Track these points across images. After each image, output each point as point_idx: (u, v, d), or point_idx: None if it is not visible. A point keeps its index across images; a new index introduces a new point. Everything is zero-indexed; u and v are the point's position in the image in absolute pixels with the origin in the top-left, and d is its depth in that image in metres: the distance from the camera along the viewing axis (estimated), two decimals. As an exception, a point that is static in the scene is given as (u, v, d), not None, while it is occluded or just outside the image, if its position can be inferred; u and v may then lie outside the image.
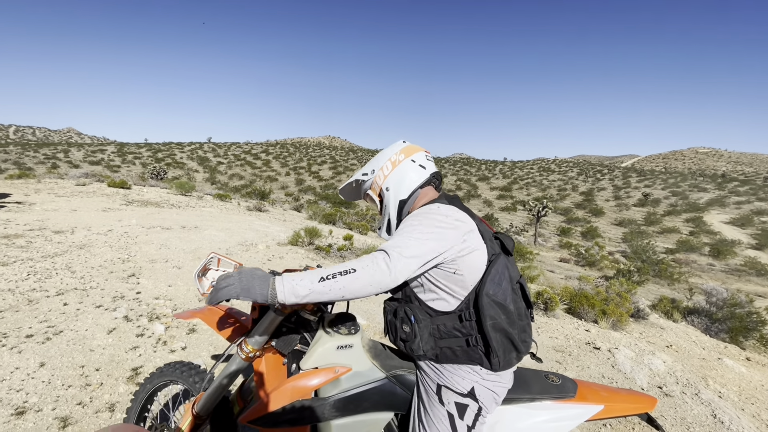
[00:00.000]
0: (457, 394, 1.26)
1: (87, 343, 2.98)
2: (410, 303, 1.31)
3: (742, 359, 5.57)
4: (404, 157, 1.45)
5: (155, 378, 1.67)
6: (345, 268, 1.06)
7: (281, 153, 77.31)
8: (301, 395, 1.33)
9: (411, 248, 1.12)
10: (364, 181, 1.52)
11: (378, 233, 1.52)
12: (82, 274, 4.37)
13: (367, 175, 1.50)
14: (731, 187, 56.64)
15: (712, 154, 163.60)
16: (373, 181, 1.49)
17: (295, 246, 7.41)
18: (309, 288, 1.03)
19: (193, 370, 1.64)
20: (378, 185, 1.47)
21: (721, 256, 20.61)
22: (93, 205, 8.95)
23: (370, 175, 1.49)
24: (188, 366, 1.66)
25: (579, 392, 1.42)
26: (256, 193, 20.14)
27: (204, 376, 1.62)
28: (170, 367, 1.66)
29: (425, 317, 1.27)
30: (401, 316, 1.30)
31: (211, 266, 1.38)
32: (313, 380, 1.33)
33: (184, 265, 5.22)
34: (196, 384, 1.59)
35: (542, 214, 27.26)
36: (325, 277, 1.04)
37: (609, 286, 7.86)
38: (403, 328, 1.29)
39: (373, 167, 1.50)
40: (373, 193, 1.49)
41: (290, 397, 1.33)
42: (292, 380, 1.35)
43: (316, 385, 1.33)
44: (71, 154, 50.38)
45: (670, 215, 36.28)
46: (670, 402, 3.37)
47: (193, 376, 1.61)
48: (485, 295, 1.20)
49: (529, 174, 73.76)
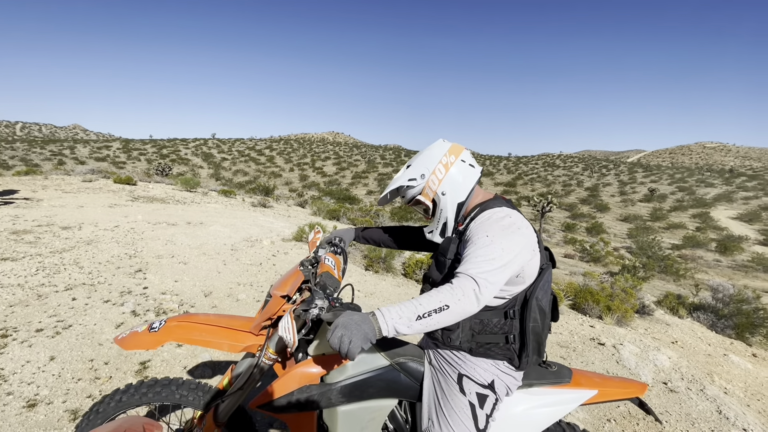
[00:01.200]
0: (479, 385, 1.33)
1: (96, 337, 3.02)
2: None
3: (748, 355, 5.54)
4: (455, 159, 1.41)
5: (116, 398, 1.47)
6: (439, 305, 1.07)
7: (285, 149, 77.39)
8: (309, 381, 1.37)
9: (497, 273, 1.13)
10: (412, 186, 1.43)
11: (429, 237, 1.46)
12: (89, 269, 4.43)
13: (416, 180, 1.42)
14: (739, 182, 55.96)
15: (720, 148, 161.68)
16: (425, 186, 1.41)
17: (299, 242, 7.43)
18: (408, 326, 1.06)
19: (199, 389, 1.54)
20: (432, 190, 1.41)
21: (727, 252, 20.43)
22: (99, 201, 9.03)
23: (420, 181, 1.42)
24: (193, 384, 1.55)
25: (574, 378, 1.48)
26: (260, 189, 20.20)
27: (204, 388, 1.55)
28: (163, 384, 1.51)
29: None
30: None
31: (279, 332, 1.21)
32: (319, 367, 1.38)
33: (190, 260, 5.26)
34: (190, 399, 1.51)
35: (547, 209, 27.12)
36: (422, 315, 1.07)
37: (614, 282, 7.83)
38: None
39: (421, 171, 1.41)
40: (425, 199, 1.42)
41: (298, 383, 1.36)
42: (300, 366, 1.39)
43: (323, 372, 1.38)
44: (77, 151, 50.77)
45: (677, 211, 35.97)
46: (675, 398, 3.37)
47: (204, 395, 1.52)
48: (535, 299, 1.29)
49: (534, 169, 73.33)
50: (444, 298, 1.08)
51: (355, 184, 45.99)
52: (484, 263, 1.13)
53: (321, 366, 1.38)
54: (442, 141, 1.48)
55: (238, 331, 1.49)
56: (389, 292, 5.27)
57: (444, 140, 1.48)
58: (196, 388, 1.55)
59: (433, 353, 1.44)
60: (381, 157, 73.71)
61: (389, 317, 1.06)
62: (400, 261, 6.95)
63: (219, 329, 1.47)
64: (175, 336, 1.43)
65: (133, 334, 1.45)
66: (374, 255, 6.70)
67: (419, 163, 1.43)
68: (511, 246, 1.18)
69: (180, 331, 1.44)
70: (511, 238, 1.20)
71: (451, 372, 1.36)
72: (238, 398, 1.42)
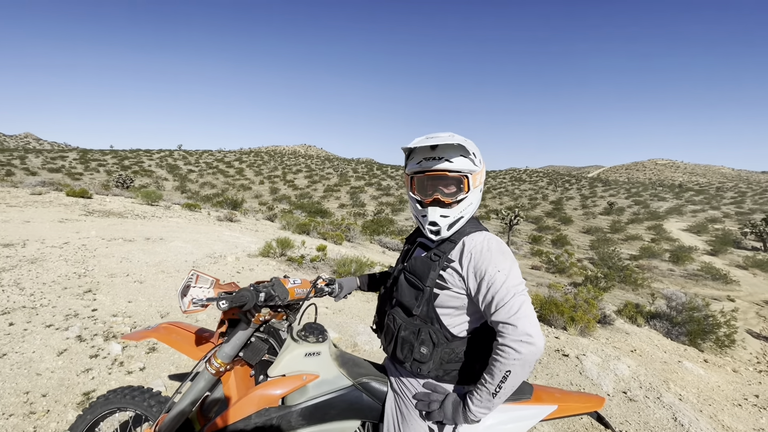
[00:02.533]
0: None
1: (34, 366, 2.76)
2: (432, 325, 1.29)
3: (700, 361, 5.85)
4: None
5: (98, 407, 1.54)
6: (502, 375, 1.11)
7: (255, 161, 75.92)
8: (268, 403, 1.33)
9: (527, 303, 1.14)
10: (471, 160, 1.25)
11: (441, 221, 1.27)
12: (32, 290, 4.08)
13: (476, 159, 1.27)
14: (687, 196, 60.18)
15: (670, 165, 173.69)
16: (480, 172, 1.30)
17: (266, 257, 7.23)
18: (490, 406, 1.16)
19: (146, 393, 1.53)
20: (480, 180, 1.31)
21: (680, 262, 21.72)
22: (49, 216, 8.43)
23: (479, 165, 1.28)
24: (139, 390, 1.54)
25: (534, 394, 1.50)
26: (227, 203, 19.62)
27: (159, 398, 1.53)
28: (117, 393, 1.53)
29: (444, 341, 1.28)
30: (422, 338, 1.28)
31: (191, 283, 1.35)
32: (280, 388, 1.34)
33: (147, 279, 4.97)
34: (152, 408, 1.50)
35: (514, 222, 27.97)
36: (495, 391, 1.13)
37: (577, 293, 8.10)
38: (421, 350, 1.28)
39: (480, 157, 1.30)
40: (472, 181, 1.26)
41: (257, 406, 1.32)
42: (259, 388, 1.35)
43: (284, 393, 1.34)
44: (28, 161, 47.49)
45: (634, 223, 38.06)
46: (634, 407, 3.47)
47: (147, 399, 1.51)
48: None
49: (502, 183, 75.74)
50: (504, 364, 1.10)
51: (327, 197, 45.64)
52: (513, 301, 1.12)
53: (281, 387, 1.34)
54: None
55: (208, 340, 1.54)
56: (358, 308, 5.19)
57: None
58: (150, 397, 1.54)
59: (397, 375, 1.40)
60: (353, 170, 73.77)
61: (477, 402, 1.17)
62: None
63: (194, 336, 1.56)
64: (158, 335, 1.56)
65: (136, 332, 1.63)
66: (343, 270, 6.61)
67: (476, 148, 1.29)
68: (516, 267, 1.21)
69: (164, 332, 1.58)
70: (512, 260, 1.22)
71: (410, 395, 1.33)
72: (181, 412, 1.38)
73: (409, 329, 1.30)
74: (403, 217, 33.50)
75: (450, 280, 1.25)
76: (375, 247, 14.36)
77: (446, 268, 1.26)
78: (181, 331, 1.59)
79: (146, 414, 1.50)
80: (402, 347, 1.32)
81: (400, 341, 1.32)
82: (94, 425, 1.59)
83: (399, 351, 1.33)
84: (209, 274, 1.39)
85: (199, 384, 1.39)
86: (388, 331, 1.38)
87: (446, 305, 1.27)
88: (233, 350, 1.39)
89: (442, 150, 1.24)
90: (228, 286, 1.45)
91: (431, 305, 1.28)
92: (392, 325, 1.36)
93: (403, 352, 1.31)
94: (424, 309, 1.29)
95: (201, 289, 1.35)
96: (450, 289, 1.25)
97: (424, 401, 1.27)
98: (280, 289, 1.37)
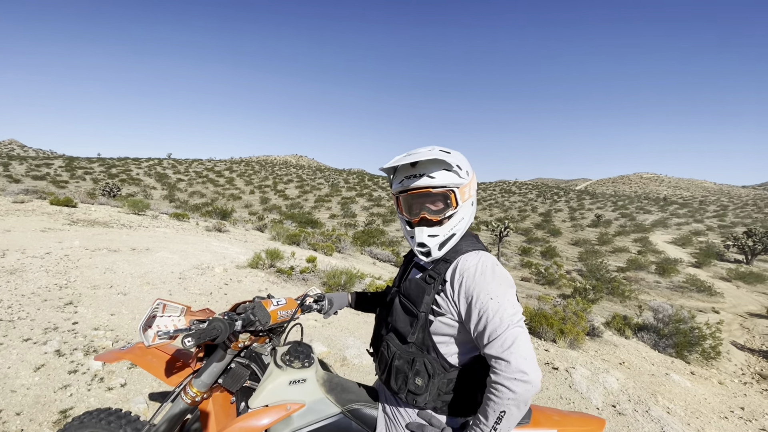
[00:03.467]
0: None
1: (9, 382, 2.65)
2: (428, 354, 1.20)
3: (687, 373, 5.90)
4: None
5: (72, 430, 1.45)
6: (496, 416, 1.03)
7: (246, 171, 75.52)
8: None
9: (523, 337, 1.05)
10: (456, 173, 1.18)
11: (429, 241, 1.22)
12: (9, 302, 3.95)
13: (463, 172, 1.20)
14: (672, 209, 61.57)
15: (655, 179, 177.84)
16: (468, 185, 1.22)
17: (255, 269, 7.13)
18: None
19: (123, 419, 1.45)
20: (468, 193, 1.22)
21: (665, 274, 22.07)
22: (31, 225, 8.22)
23: (466, 178, 1.21)
24: (116, 414, 1.46)
25: (533, 418, 1.43)
26: (216, 212, 19.40)
27: (136, 424, 1.46)
28: (92, 417, 1.44)
29: (441, 371, 1.20)
30: (417, 369, 1.20)
31: (157, 313, 1.28)
32: (262, 419, 1.26)
33: (131, 291, 4.86)
34: None
35: (504, 234, 28.19)
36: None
37: (566, 305, 8.14)
38: (416, 381, 1.20)
39: (467, 168, 1.22)
40: (459, 196, 1.20)
41: None
42: (240, 420, 1.27)
43: (267, 425, 1.26)
44: (12, 168, 46.47)
45: (620, 235, 38.68)
46: (623, 421, 3.47)
47: (124, 426, 1.43)
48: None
49: (492, 195, 76.54)
50: (498, 404, 1.02)
51: (318, 208, 45.48)
52: (507, 334, 1.05)
53: (264, 418, 1.26)
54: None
55: (185, 364, 1.45)
56: (347, 321, 5.13)
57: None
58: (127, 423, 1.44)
59: (389, 401, 1.33)
60: (344, 180, 73.83)
61: None
62: (361, 287, 6.83)
63: (171, 358, 1.47)
64: (133, 357, 1.49)
65: (109, 352, 1.55)
66: (333, 282, 6.55)
67: (461, 158, 1.23)
68: (512, 294, 1.13)
69: (139, 353, 1.50)
70: (508, 285, 1.14)
71: (401, 423, 1.27)
72: None
73: (404, 358, 1.23)
74: (394, 228, 33.52)
75: (444, 305, 1.17)
76: (366, 258, 14.29)
77: (440, 292, 1.18)
78: (158, 353, 1.51)
79: None
80: (396, 377, 1.24)
81: (394, 370, 1.25)
82: None
83: (393, 381, 1.25)
84: (178, 302, 1.32)
85: (175, 410, 1.32)
86: (382, 359, 1.31)
87: (442, 333, 1.20)
88: (210, 379, 1.32)
89: (423, 166, 1.19)
90: (201, 313, 1.39)
91: (427, 332, 1.20)
92: (386, 352, 1.29)
93: (398, 383, 1.24)
94: (420, 336, 1.21)
95: (170, 319, 1.28)
96: (445, 315, 1.18)
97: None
98: (261, 313, 1.30)
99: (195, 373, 1.34)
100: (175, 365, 1.46)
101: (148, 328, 1.25)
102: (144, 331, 1.23)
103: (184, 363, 1.47)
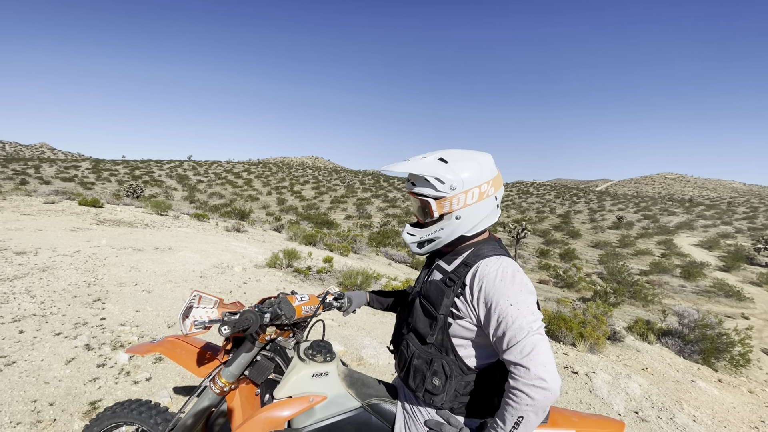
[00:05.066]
0: None
1: (42, 374, 2.78)
2: (446, 356, 1.22)
3: (714, 381, 5.68)
4: (493, 192, 1.24)
5: (105, 420, 1.53)
6: (514, 421, 1.03)
7: (263, 172, 76.77)
8: (274, 426, 1.30)
9: (543, 344, 1.04)
10: (434, 186, 1.21)
11: (408, 239, 1.32)
12: (42, 298, 4.13)
13: (444, 184, 1.20)
14: (698, 211, 59.40)
15: (680, 179, 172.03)
16: (449, 198, 1.21)
17: (273, 268, 7.25)
18: None
19: (153, 409, 1.52)
20: (450, 206, 1.21)
21: (691, 278, 21.32)
22: (61, 225, 8.58)
23: (446, 189, 1.20)
24: (146, 405, 1.53)
25: (551, 418, 1.42)
26: (235, 213, 19.79)
27: (165, 415, 1.52)
28: (124, 407, 1.52)
29: (459, 373, 1.21)
30: (435, 369, 1.22)
31: (193, 304, 1.34)
32: (286, 410, 1.30)
33: (155, 288, 5.01)
34: (158, 425, 1.49)
35: (522, 236, 27.77)
36: None
37: (586, 308, 7.97)
38: (434, 382, 1.22)
39: (455, 180, 1.19)
40: (436, 208, 1.22)
41: (263, 428, 1.29)
42: (265, 410, 1.31)
43: (290, 416, 1.30)
44: (43, 170, 48.61)
45: (643, 238, 37.58)
46: (647, 428, 3.38)
47: (154, 416, 1.50)
48: None
49: (509, 197, 75.48)
50: (516, 409, 1.02)
51: (333, 209, 45.83)
52: (526, 341, 1.04)
53: (288, 409, 1.31)
54: (491, 159, 1.27)
55: (213, 357, 1.52)
56: (363, 321, 5.16)
57: (494, 163, 1.27)
58: (157, 414, 1.52)
59: (408, 399, 1.35)
60: (360, 182, 74.17)
61: None
62: (377, 288, 6.86)
63: (200, 351, 1.54)
64: (163, 349, 1.56)
65: (141, 345, 1.64)
66: (349, 282, 6.60)
67: (458, 167, 1.21)
68: (533, 301, 1.12)
69: (169, 346, 1.57)
70: (529, 292, 1.13)
71: (419, 420, 1.29)
72: (186, 429, 1.38)
73: (422, 358, 1.25)
74: (410, 229, 33.41)
75: (463, 309, 1.18)
76: (381, 259, 14.32)
77: (460, 296, 1.19)
78: (187, 345, 1.58)
79: (151, 430, 1.49)
80: (414, 376, 1.27)
81: (413, 369, 1.27)
82: None
83: (411, 380, 1.28)
84: (213, 294, 1.38)
85: (203, 402, 1.38)
86: (402, 357, 1.34)
87: (461, 336, 1.20)
88: (238, 370, 1.38)
89: (412, 174, 1.25)
90: (233, 306, 1.44)
91: (446, 334, 1.21)
92: (406, 351, 1.32)
93: (415, 382, 1.26)
94: (439, 337, 1.22)
95: (204, 310, 1.34)
96: (464, 319, 1.19)
97: (436, 431, 1.22)
98: (287, 308, 1.35)
99: (223, 365, 1.40)
100: (203, 358, 1.52)
101: (185, 318, 1.31)
102: (183, 320, 1.30)
103: (212, 356, 1.53)
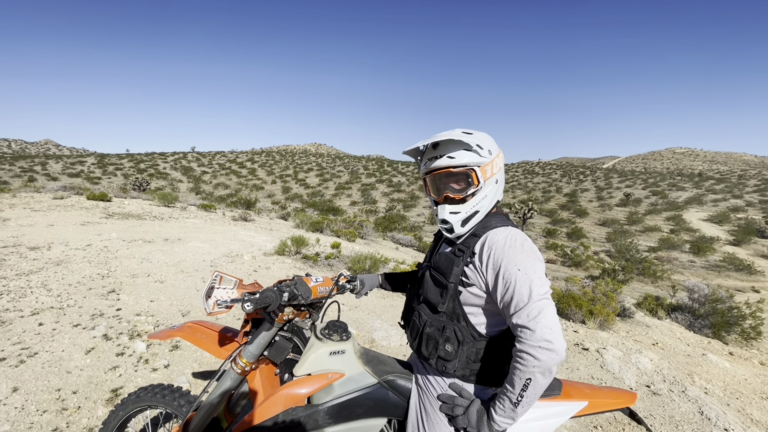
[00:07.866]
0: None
1: (63, 364, 2.86)
2: (458, 323, 1.26)
3: (725, 354, 5.69)
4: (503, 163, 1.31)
5: (129, 404, 1.58)
6: (522, 383, 1.07)
7: (267, 161, 76.70)
8: (294, 402, 1.34)
9: (549, 308, 1.07)
10: (477, 153, 1.22)
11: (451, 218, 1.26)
12: (58, 291, 4.22)
13: (484, 151, 1.22)
14: (708, 185, 58.47)
15: (689, 153, 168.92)
16: (490, 164, 1.24)
17: (281, 256, 7.30)
18: (514, 416, 1.12)
19: (175, 392, 1.57)
20: (491, 171, 1.25)
21: (701, 253, 21.17)
22: (71, 219, 8.68)
23: (488, 156, 1.23)
24: (169, 389, 1.58)
25: (564, 390, 1.46)
26: (241, 203, 19.88)
27: (188, 397, 1.57)
28: (147, 391, 1.57)
29: (470, 340, 1.25)
30: (447, 335, 1.26)
31: (215, 285, 1.38)
32: (306, 387, 1.34)
33: (167, 278, 5.08)
34: (182, 407, 1.53)
35: (528, 216, 27.64)
36: (517, 401, 1.09)
37: (595, 286, 7.97)
38: (446, 348, 1.26)
39: (490, 148, 1.25)
40: (480, 174, 1.23)
41: (284, 405, 1.33)
42: (285, 387, 1.36)
43: (309, 392, 1.34)
44: (49, 167, 48.99)
45: (651, 214, 37.20)
46: (658, 400, 3.41)
47: (177, 399, 1.54)
48: None
49: (514, 177, 74.82)
50: (524, 371, 1.05)
51: (338, 195, 45.83)
52: (534, 305, 1.07)
53: (307, 386, 1.35)
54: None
55: (233, 340, 1.56)
56: (374, 305, 5.21)
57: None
58: (180, 396, 1.56)
59: (421, 373, 1.39)
60: (364, 167, 73.85)
61: (500, 412, 1.13)
62: (386, 271, 6.90)
63: (218, 335, 1.58)
64: (183, 334, 1.61)
65: (161, 331, 1.71)
66: (358, 267, 6.64)
67: (483, 138, 1.25)
68: (541, 268, 1.14)
69: (189, 331, 1.62)
70: (537, 259, 1.16)
71: (434, 393, 1.32)
72: (209, 411, 1.41)
73: (435, 326, 1.29)
74: (415, 213, 33.44)
75: (472, 276, 1.21)
76: (388, 244, 14.37)
77: (469, 264, 1.23)
78: (206, 330, 1.62)
79: (175, 412, 1.54)
80: (427, 344, 1.31)
81: (425, 337, 1.31)
82: (125, 421, 1.64)
83: (424, 347, 1.32)
84: (232, 275, 1.41)
85: (225, 383, 1.42)
86: (414, 327, 1.37)
87: (471, 303, 1.24)
88: (258, 350, 1.41)
89: (444, 147, 1.24)
90: (251, 287, 1.47)
91: (457, 302, 1.25)
92: (418, 321, 1.36)
93: (428, 349, 1.30)
94: (450, 305, 1.26)
95: (225, 290, 1.37)
96: (474, 286, 1.22)
97: (449, 404, 1.26)
98: (303, 288, 1.38)
99: (243, 346, 1.43)
100: (223, 340, 1.56)
101: (208, 298, 1.35)
102: (206, 299, 1.34)
103: (231, 338, 1.57)
